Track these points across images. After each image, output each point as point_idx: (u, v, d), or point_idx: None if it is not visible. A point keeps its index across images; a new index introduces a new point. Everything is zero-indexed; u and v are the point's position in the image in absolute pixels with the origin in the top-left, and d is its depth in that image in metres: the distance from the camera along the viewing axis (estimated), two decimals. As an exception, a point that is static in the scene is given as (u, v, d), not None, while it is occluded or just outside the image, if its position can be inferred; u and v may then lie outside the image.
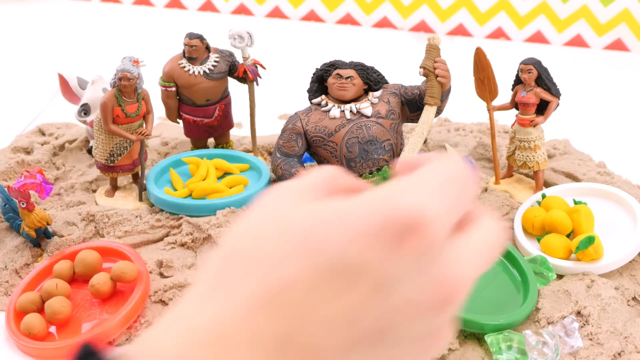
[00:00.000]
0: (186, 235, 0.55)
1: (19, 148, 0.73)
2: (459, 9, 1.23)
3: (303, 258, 0.20)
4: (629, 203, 0.55)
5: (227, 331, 0.19)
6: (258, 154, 0.71)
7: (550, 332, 0.44)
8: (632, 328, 0.45)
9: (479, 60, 0.61)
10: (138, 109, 0.59)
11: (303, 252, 0.20)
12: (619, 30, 1.14)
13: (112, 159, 0.61)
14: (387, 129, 0.56)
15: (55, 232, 0.56)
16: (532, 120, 0.60)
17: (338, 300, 0.20)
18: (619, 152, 0.74)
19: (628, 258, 0.50)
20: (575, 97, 0.87)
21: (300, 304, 0.20)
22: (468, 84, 0.63)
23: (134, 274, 0.49)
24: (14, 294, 0.48)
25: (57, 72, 0.70)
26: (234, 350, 0.19)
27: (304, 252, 0.20)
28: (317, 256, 0.20)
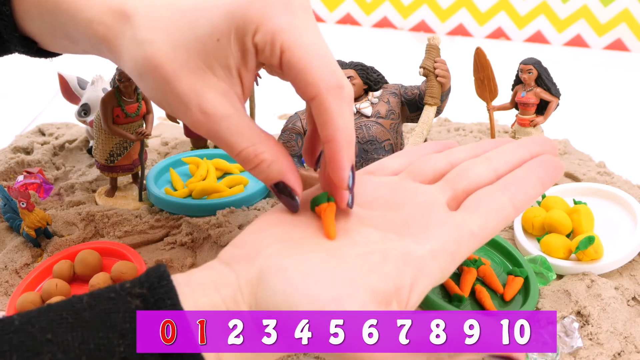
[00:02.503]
0: (186, 235, 0.55)
1: (19, 148, 0.73)
2: (459, 9, 1.22)
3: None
4: (629, 203, 0.55)
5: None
6: (258, 154, 0.71)
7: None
8: (632, 328, 0.45)
9: (479, 60, 0.61)
10: (138, 109, 0.59)
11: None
12: (619, 30, 1.14)
13: (112, 159, 0.61)
14: (387, 129, 0.56)
15: (55, 232, 0.56)
16: (532, 120, 0.60)
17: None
18: (619, 152, 0.74)
19: (628, 258, 0.50)
20: (575, 97, 0.87)
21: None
22: (468, 84, 0.63)
23: (134, 274, 0.49)
24: (14, 294, 0.48)
25: (57, 72, 0.70)
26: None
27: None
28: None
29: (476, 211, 0.32)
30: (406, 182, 0.35)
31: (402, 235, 0.31)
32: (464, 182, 0.34)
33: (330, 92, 0.31)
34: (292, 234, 0.32)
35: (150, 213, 0.58)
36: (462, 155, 0.37)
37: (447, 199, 0.34)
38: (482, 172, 0.35)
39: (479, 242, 0.32)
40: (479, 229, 0.31)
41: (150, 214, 0.58)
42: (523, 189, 0.33)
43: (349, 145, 0.32)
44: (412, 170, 0.37)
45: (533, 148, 0.36)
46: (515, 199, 0.33)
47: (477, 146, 0.38)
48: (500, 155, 0.36)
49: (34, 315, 0.25)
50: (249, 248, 0.31)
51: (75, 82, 0.70)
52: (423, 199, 0.33)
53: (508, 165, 0.35)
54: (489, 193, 0.33)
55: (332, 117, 0.31)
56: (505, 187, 0.33)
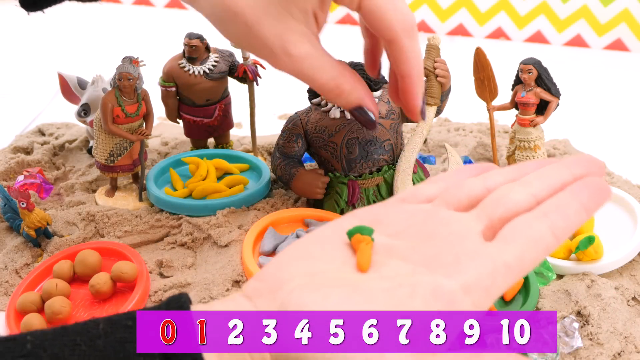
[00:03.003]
0: (186, 235, 0.55)
1: (19, 148, 0.73)
2: (459, 9, 1.22)
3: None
4: (629, 203, 0.55)
5: None
6: (258, 154, 0.71)
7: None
8: (632, 328, 0.45)
9: (479, 60, 0.61)
10: (138, 109, 0.59)
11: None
12: (619, 30, 1.14)
13: (112, 159, 0.61)
14: (387, 129, 0.56)
15: (55, 232, 0.56)
16: (532, 120, 0.61)
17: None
18: (619, 152, 0.74)
19: (628, 258, 0.50)
20: (575, 97, 0.87)
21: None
22: (468, 84, 0.63)
23: (134, 274, 0.49)
24: (14, 294, 0.48)
25: (57, 72, 0.70)
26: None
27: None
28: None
29: (513, 242, 0.30)
30: (440, 210, 0.34)
31: (432, 269, 0.29)
32: (501, 210, 0.32)
33: (406, 34, 0.35)
34: (317, 267, 0.30)
35: (150, 213, 0.58)
36: (499, 179, 0.35)
37: (483, 228, 0.31)
38: (521, 198, 0.32)
39: (516, 276, 0.29)
40: (515, 261, 0.29)
41: (150, 214, 0.58)
42: (564, 216, 0.31)
43: (421, 78, 0.38)
44: (446, 196, 0.35)
45: (576, 169, 0.34)
46: (555, 227, 0.30)
47: (516, 168, 0.36)
48: (540, 179, 0.33)
49: (48, 339, 0.25)
50: (271, 282, 0.30)
51: (75, 82, 0.70)
52: (456, 228, 0.31)
53: (549, 189, 0.33)
54: (527, 221, 0.31)
55: (407, 57, 0.36)
56: (545, 215, 0.31)
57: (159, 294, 0.49)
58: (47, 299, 0.47)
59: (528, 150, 0.61)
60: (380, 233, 0.33)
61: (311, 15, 0.36)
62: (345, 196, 0.55)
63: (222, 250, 0.53)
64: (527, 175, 0.34)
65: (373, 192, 0.56)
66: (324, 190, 0.56)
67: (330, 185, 0.56)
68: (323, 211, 0.55)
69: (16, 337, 0.25)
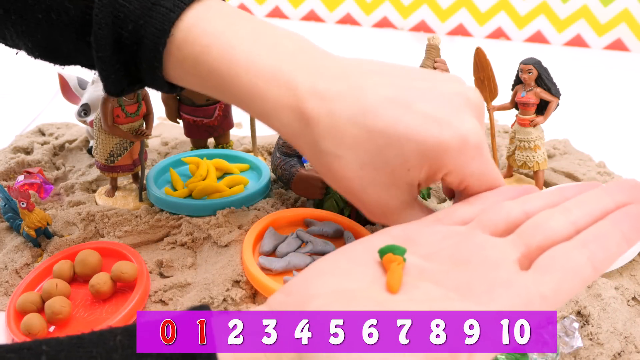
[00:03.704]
0: (186, 235, 0.55)
1: (19, 148, 0.73)
2: (459, 9, 1.22)
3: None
4: (629, 203, 0.55)
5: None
6: (258, 154, 0.71)
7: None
8: (632, 328, 0.45)
9: (479, 60, 0.61)
10: (138, 109, 0.59)
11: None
12: (619, 30, 1.14)
13: (112, 159, 0.61)
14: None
15: (55, 232, 0.56)
16: (532, 120, 0.60)
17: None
18: (619, 152, 0.74)
19: (628, 258, 0.50)
20: (575, 97, 0.88)
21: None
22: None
23: (134, 274, 0.49)
24: (14, 294, 0.48)
25: (57, 72, 0.70)
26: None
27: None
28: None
29: (549, 272, 0.29)
30: (475, 233, 0.33)
31: (464, 295, 0.28)
32: (539, 237, 0.31)
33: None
34: (345, 284, 0.30)
35: (150, 213, 0.58)
36: (539, 204, 0.34)
37: (519, 256, 0.31)
38: (560, 226, 0.31)
39: (551, 307, 0.29)
40: (551, 292, 0.28)
41: (150, 214, 0.58)
42: (604, 247, 0.30)
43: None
44: (482, 219, 0.34)
45: (619, 196, 0.33)
46: (595, 258, 0.29)
47: (557, 192, 0.35)
48: (580, 206, 0.33)
49: (64, 349, 0.25)
50: (297, 297, 0.29)
51: (75, 82, 0.70)
52: (491, 254, 0.30)
53: (589, 217, 0.32)
54: (565, 251, 0.30)
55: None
56: (584, 245, 0.30)
57: (159, 294, 0.49)
58: (47, 299, 0.47)
59: (528, 150, 0.61)
60: (412, 253, 0.32)
61: (415, 186, 0.37)
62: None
63: (222, 250, 0.53)
64: (568, 200, 0.34)
65: (373, 192, 0.56)
66: (324, 190, 0.56)
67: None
68: (323, 211, 0.55)
69: (31, 345, 0.25)
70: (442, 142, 0.34)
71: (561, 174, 0.67)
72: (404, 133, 0.34)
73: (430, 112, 0.35)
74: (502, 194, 0.37)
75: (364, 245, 0.33)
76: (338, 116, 0.35)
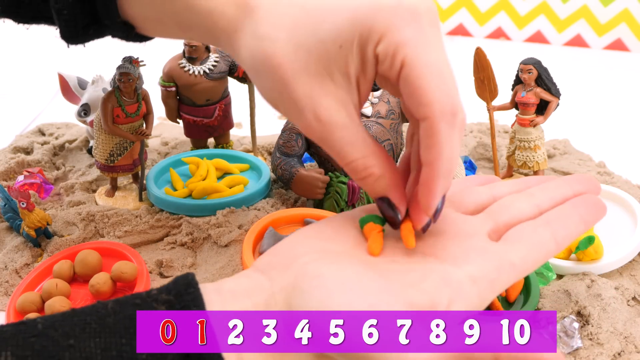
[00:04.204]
0: (186, 235, 0.55)
1: (19, 148, 0.73)
2: (459, 9, 1.22)
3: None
4: (629, 203, 0.55)
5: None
6: (258, 154, 0.71)
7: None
8: (632, 328, 0.45)
9: (479, 60, 0.61)
10: (138, 109, 0.59)
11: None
12: (619, 30, 1.14)
13: (112, 159, 0.61)
14: (387, 128, 0.56)
15: (55, 232, 0.56)
16: (532, 120, 0.61)
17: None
18: (619, 152, 0.74)
19: (628, 258, 0.50)
20: (575, 97, 0.88)
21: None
22: (468, 84, 0.63)
23: (134, 274, 0.49)
24: (14, 294, 0.48)
25: (57, 72, 0.70)
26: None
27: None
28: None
29: (517, 243, 0.32)
30: (448, 211, 0.35)
31: (442, 259, 0.31)
32: (506, 216, 0.34)
33: (443, 118, 0.30)
34: (330, 246, 0.31)
35: (150, 213, 0.58)
36: (505, 190, 0.37)
37: (489, 230, 0.33)
38: (525, 207, 0.35)
39: (518, 274, 0.31)
40: (519, 260, 0.31)
41: (150, 214, 0.58)
42: (565, 226, 0.33)
43: (448, 175, 0.31)
44: (454, 201, 0.36)
45: (577, 186, 0.36)
46: (557, 235, 0.33)
47: (520, 182, 0.38)
48: (543, 192, 0.36)
49: (58, 320, 0.25)
50: (285, 256, 0.31)
51: (75, 82, 0.70)
52: (464, 227, 0.33)
53: (551, 201, 0.35)
54: (531, 227, 0.33)
55: (438, 143, 0.30)
56: (548, 223, 0.33)
57: (159, 294, 0.49)
58: (47, 299, 0.47)
59: (528, 150, 0.61)
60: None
61: (354, 82, 0.33)
62: (345, 196, 0.55)
63: (222, 250, 0.53)
64: (531, 188, 0.37)
65: (373, 192, 0.56)
66: (324, 190, 0.56)
67: (330, 185, 0.56)
68: (323, 211, 0.55)
69: (26, 321, 0.25)
70: (375, 2, 0.31)
71: (561, 174, 0.67)
72: (340, 3, 0.32)
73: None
74: (471, 181, 0.40)
75: (344, 216, 0.35)
76: (281, 1, 0.34)
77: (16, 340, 0.24)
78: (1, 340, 0.24)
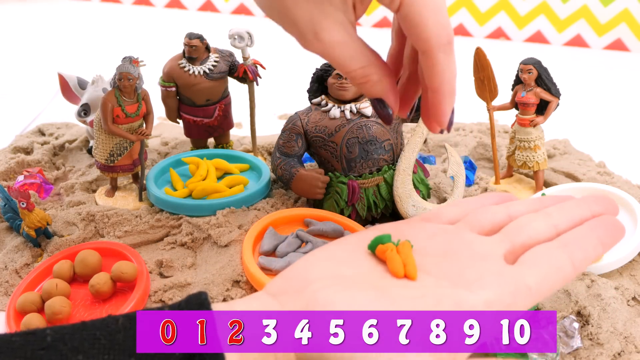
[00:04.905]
0: (186, 235, 0.55)
1: (19, 148, 0.73)
2: (459, 9, 1.22)
3: None
4: (629, 203, 0.55)
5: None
6: (258, 154, 0.71)
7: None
8: (632, 328, 0.45)
9: (479, 60, 0.61)
10: (138, 109, 0.59)
11: None
12: (619, 30, 1.14)
13: (112, 159, 0.61)
14: (387, 128, 0.56)
15: (55, 232, 0.56)
16: (532, 120, 0.61)
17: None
18: (619, 152, 0.74)
19: (628, 258, 0.50)
20: (575, 97, 0.88)
21: None
22: (468, 84, 0.63)
23: (134, 274, 0.49)
24: (14, 294, 0.48)
25: (57, 72, 0.71)
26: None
27: None
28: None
29: (534, 266, 0.31)
30: (463, 231, 0.35)
31: (456, 283, 0.30)
32: (523, 236, 0.34)
33: (441, 48, 0.33)
34: (343, 270, 0.31)
35: (150, 213, 0.58)
36: (521, 209, 0.37)
37: (504, 252, 0.33)
38: (542, 228, 0.34)
39: (535, 299, 0.30)
40: (536, 284, 0.30)
41: (150, 214, 0.58)
42: (583, 248, 0.33)
43: (452, 94, 0.34)
44: (469, 220, 0.36)
45: (595, 207, 0.36)
46: (574, 257, 0.32)
47: (537, 201, 0.38)
48: (561, 212, 0.35)
49: (67, 332, 0.25)
50: (297, 281, 0.30)
51: (75, 82, 0.70)
52: (479, 249, 0.33)
53: (568, 222, 0.35)
54: (548, 249, 0.32)
55: (440, 71, 0.33)
56: (565, 245, 0.33)
57: (159, 294, 0.49)
58: (47, 299, 0.47)
59: (528, 150, 0.61)
60: None
61: (350, 5, 0.35)
62: (345, 196, 0.55)
63: (222, 250, 0.53)
64: (548, 207, 0.36)
65: (373, 192, 0.56)
66: (324, 190, 0.56)
67: (330, 185, 0.56)
68: (323, 211, 0.55)
69: (35, 331, 0.25)
70: None
71: (561, 174, 0.67)
72: None
73: None
74: (486, 199, 0.39)
75: (357, 237, 0.34)
76: None
77: (24, 351, 0.24)
78: (10, 350, 0.24)
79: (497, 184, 0.65)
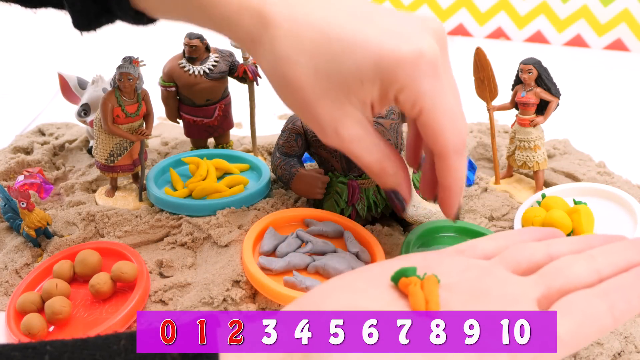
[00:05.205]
0: (186, 235, 0.55)
1: (19, 148, 0.73)
2: (459, 9, 1.22)
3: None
4: (629, 203, 0.55)
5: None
6: (258, 154, 0.71)
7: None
8: (632, 328, 0.44)
9: (479, 60, 0.61)
10: (138, 109, 0.59)
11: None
12: (619, 30, 1.14)
13: (112, 159, 0.61)
14: (386, 128, 0.56)
15: (55, 232, 0.56)
16: (532, 120, 0.60)
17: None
18: (619, 152, 0.74)
19: (628, 258, 0.50)
20: (575, 97, 0.88)
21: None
22: (468, 84, 0.63)
23: (134, 274, 0.49)
24: (14, 294, 0.48)
25: (57, 72, 0.70)
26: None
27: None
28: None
29: (568, 315, 0.29)
30: (497, 268, 0.33)
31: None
32: (561, 280, 0.31)
33: (456, 153, 0.36)
34: (361, 302, 0.29)
35: (150, 213, 0.58)
36: (563, 249, 0.34)
37: (539, 296, 0.31)
38: (583, 272, 0.31)
39: (566, 351, 0.28)
40: (568, 336, 0.28)
41: (150, 214, 0.58)
42: (626, 299, 0.30)
43: (460, 189, 0.38)
44: (505, 256, 0.34)
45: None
46: (615, 308, 0.29)
47: (583, 240, 0.35)
48: (606, 255, 0.33)
49: (68, 350, 0.25)
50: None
51: (75, 82, 0.70)
52: (511, 290, 0.31)
53: (613, 267, 0.32)
54: (586, 297, 0.30)
55: (453, 172, 0.37)
56: (606, 294, 0.30)
57: (159, 294, 0.49)
58: (47, 299, 0.47)
59: (528, 150, 0.61)
60: None
61: (368, 104, 0.37)
62: (345, 196, 0.55)
63: (222, 250, 0.53)
64: (593, 248, 0.34)
65: (373, 192, 0.56)
66: (324, 190, 0.56)
67: (330, 185, 0.56)
68: (323, 211, 0.55)
69: (35, 345, 0.25)
70: (397, 53, 0.34)
71: (561, 174, 0.67)
72: (361, 41, 0.35)
73: (390, 27, 0.36)
74: (527, 234, 0.37)
75: (382, 267, 0.33)
76: (300, 21, 0.35)
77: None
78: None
79: (497, 184, 0.65)
